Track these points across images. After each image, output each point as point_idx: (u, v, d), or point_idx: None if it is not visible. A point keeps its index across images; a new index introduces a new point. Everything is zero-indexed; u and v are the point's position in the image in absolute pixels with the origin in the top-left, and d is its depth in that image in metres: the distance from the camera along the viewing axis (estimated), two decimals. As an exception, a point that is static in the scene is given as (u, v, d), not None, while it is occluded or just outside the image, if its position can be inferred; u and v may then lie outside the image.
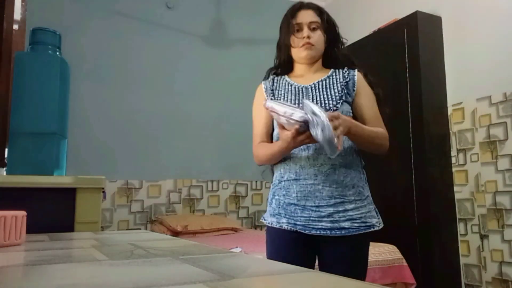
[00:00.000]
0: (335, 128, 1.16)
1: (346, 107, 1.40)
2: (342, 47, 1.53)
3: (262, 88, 1.53)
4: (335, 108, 1.37)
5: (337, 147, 1.15)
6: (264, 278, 0.50)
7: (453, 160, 2.94)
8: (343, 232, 1.31)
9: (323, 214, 1.32)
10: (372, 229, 1.35)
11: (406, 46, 3.01)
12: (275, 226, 1.39)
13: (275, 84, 1.50)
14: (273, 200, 1.44)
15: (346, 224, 1.32)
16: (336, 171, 1.34)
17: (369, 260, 2.28)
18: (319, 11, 1.52)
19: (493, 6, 2.78)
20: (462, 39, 2.96)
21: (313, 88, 1.43)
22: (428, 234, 2.76)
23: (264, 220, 1.46)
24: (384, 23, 3.31)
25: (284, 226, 1.36)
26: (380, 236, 2.70)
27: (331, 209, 1.32)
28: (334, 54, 1.50)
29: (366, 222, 1.34)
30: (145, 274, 0.52)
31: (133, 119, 3.52)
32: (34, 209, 0.99)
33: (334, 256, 1.34)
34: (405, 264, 2.42)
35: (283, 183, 1.40)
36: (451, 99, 2.99)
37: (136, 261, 0.63)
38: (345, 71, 1.46)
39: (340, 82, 1.43)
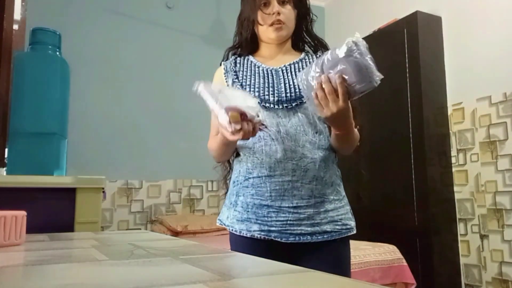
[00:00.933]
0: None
1: None
2: (312, 25, 1.32)
3: (221, 70, 1.33)
4: (298, 95, 1.19)
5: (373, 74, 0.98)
6: (264, 278, 0.50)
7: (453, 160, 2.94)
8: (325, 236, 1.14)
9: (302, 216, 1.12)
10: (351, 233, 1.19)
11: (406, 46, 3.01)
12: (244, 235, 1.16)
13: (237, 65, 1.31)
14: (238, 202, 1.20)
15: (328, 227, 1.14)
16: (317, 165, 1.14)
17: (369, 260, 2.31)
18: None
19: (493, 6, 2.78)
20: (462, 39, 2.96)
21: (284, 72, 1.23)
22: (428, 234, 2.76)
23: (228, 226, 1.21)
24: (384, 23, 3.32)
25: (256, 235, 1.14)
26: (380, 236, 2.72)
27: (311, 210, 1.13)
28: (304, 34, 1.31)
29: (346, 225, 1.18)
30: (145, 274, 0.52)
31: (133, 119, 3.52)
32: (34, 209, 0.99)
33: (315, 263, 1.07)
34: (405, 264, 2.42)
35: (251, 180, 1.17)
36: (451, 99, 2.99)
37: (136, 261, 0.63)
38: (320, 55, 1.24)
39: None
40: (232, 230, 1.20)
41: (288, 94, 1.18)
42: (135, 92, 3.58)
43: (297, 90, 1.18)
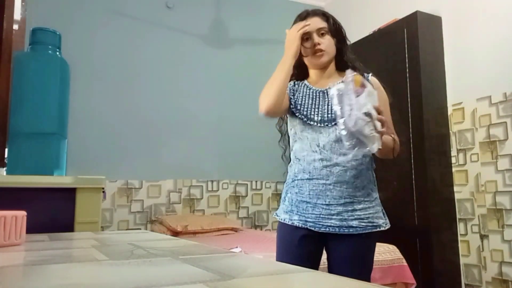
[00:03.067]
0: (382, 123, 1.20)
1: None
2: (348, 49, 1.56)
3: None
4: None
5: (375, 142, 1.18)
6: (264, 278, 0.50)
7: (453, 160, 2.94)
8: (350, 230, 1.38)
9: (332, 212, 1.39)
10: (378, 229, 1.41)
11: (406, 46, 3.01)
12: (287, 222, 1.46)
13: (295, 86, 1.55)
14: (286, 198, 1.50)
15: (354, 223, 1.38)
16: (348, 172, 1.40)
17: (369, 260, 2.30)
18: (325, 16, 1.55)
19: (493, 6, 2.78)
20: (462, 39, 2.96)
21: (328, 93, 1.46)
22: (428, 234, 2.76)
23: (277, 216, 1.52)
24: (384, 23, 3.32)
25: (296, 223, 1.43)
26: (380, 236, 2.71)
27: (340, 208, 1.38)
28: (344, 57, 1.54)
29: (373, 222, 1.41)
30: (145, 274, 0.52)
31: (133, 119, 3.52)
32: (34, 209, 0.99)
33: (341, 253, 1.41)
34: (405, 264, 2.42)
35: (296, 181, 1.46)
36: (451, 99, 2.99)
37: (136, 261, 0.63)
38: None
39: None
40: (278, 218, 1.50)
41: (329, 115, 1.44)
42: (135, 92, 3.58)
43: (329, 111, 1.43)
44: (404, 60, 3.01)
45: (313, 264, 1.44)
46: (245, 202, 3.88)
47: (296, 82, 1.57)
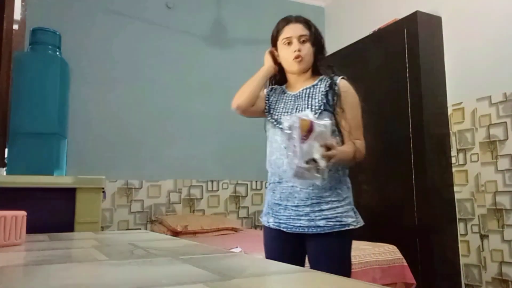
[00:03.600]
0: (329, 158, 1.28)
1: (326, 116, 1.45)
2: (324, 58, 1.63)
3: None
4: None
5: (316, 178, 1.28)
6: (264, 278, 0.50)
7: (453, 160, 2.94)
8: (318, 229, 1.43)
9: (301, 213, 1.45)
10: (347, 228, 1.44)
11: (406, 46, 3.01)
12: (265, 224, 1.57)
13: (272, 91, 1.65)
14: (265, 201, 1.61)
15: (321, 223, 1.43)
16: (319, 175, 1.44)
17: (369, 260, 2.31)
18: (308, 24, 1.58)
19: (493, 6, 2.78)
20: (462, 39, 2.96)
21: (298, 97, 1.54)
22: (428, 234, 2.76)
23: (261, 218, 1.64)
24: (384, 23, 3.31)
25: (271, 225, 1.53)
26: (380, 236, 2.72)
27: (308, 209, 1.45)
28: (319, 64, 1.60)
29: (341, 221, 1.44)
30: (145, 274, 0.52)
31: (133, 119, 3.52)
32: (34, 209, 0.99)
33: (314, 252, 1.47)
34: (405, 264, 2.42)
35: (271, 185, 1.56)
36: (451, 99, 2.99)
37: (136, 261, 0.63)
38: (328, 80, 1.54)
39: (321, 92, 1.51)
40: (261, 220, 1.62)
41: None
42: (135, 92, 3.58)
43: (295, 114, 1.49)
44: (404, 60, 3.01)
45: (295, 263, 1.45)
46: (245, 202, 3.88)
47: (274, 87, 1.65)
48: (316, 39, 1.57)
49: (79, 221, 1.24)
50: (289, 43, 1.53)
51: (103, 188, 1.32)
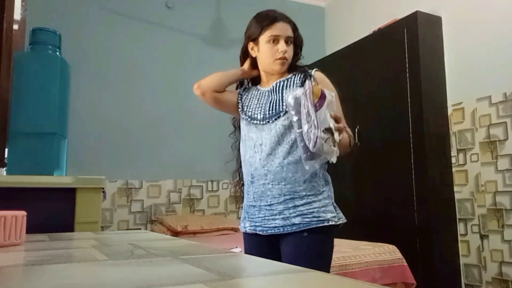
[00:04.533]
0: (339, 131, 1.20)
1: None
2: (299, 59, 1.58)
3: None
4: (279, 111, 1.41)
5: (331, 153, 1.18)
6: (264, 278, 0.50)
7: (453, 160, 2.94)
8: (294, 228, 1.32)
9: (275, 212, 1.35)
10: (325, 224, 1.31)
11: (406, 46, 3.01)
12: (242, 230, 1.49)
13: (245, 90, 1.61)
14: (243, 204, 1.53)
15: (297, 220, 1.32)
16: (284, 168, 1.35)
17: (369, 260, 2.31)
18: (294, 26, 1.53)
19: (493, 6, 2.78)
20: (462, 39, 2.96)
21: (272, 91, 1.48)
22: (428, 234, 2.76)
23: (239, 225, 1.55)
24: (384, 23, 3.31)
25: (248, 230, 1.44)
26: (380, 236, 2.72)
27: (281, 207, 1.34)
28: (296, 63, 1.56)
29: (318, 217, 1.32)
30: (145, 274, 0.52)
31: (133, 119, 3.52)
32: (34, 209, 0.99)
33: (291, 253, 1.33)
34: (405, 264, 2.42)
35: (245, 186, 1.49)
36: (451, 99, 2.99)
37: (136, 261, 0.63)
38: (302, 73, 1.49)
39: (296, 84, 1.45)
40: (240, 227, 1.52)
41: (271, 111, 1.42)
42: (135, 92, 3.58)
43: (277, 106, 1.41)
44: (404, 60, 3.01)
45: None
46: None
47: (247, 87, 1.61)
48: (299, 41, 1.54)
49: (79, 221, 1.24)
50: (275, 42, 1.45)
51: (103, 188, 1.32)
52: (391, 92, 3.11)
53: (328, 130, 1.15)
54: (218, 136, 3.85)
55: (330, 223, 1.32)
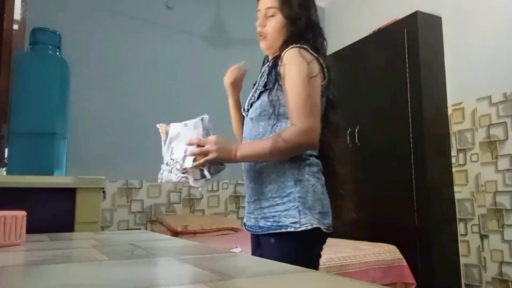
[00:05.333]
0: (204, 155, 1.18)
1: (264, 99, 1.24)
2: (298, 24, 1.30)
3: None
4: (251, 102, 1.29)
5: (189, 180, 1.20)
6: (264, 278, 0.50)
7: (453, 160, 2.94)
8: (258, 230, 1.23)
9: (249, 211, 1.30)
10: (283, 230, 1.16)
11: (406, 46, 3.01)
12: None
13: None
14: None
15: (261, 223, 1.22)
16: (252, 167, 1.26)
17: (369, 260, 2.30)
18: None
19: (493, 6, 2.78)
20: (462, 39, 2.96)
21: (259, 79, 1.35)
22: (428, 234, 2.76)
23: None
24: (384, 23, 3.32)
25: (245, 227, 1.38)
26: (380, 236, 2.71)
27: (252, 207, 1.27)
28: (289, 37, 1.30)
29: (278, 222, 1.17)
30: (145, 274, 0.52)
31: (133, 118, 3.52)
32: (34, 209, 0.99)
33: (261, 255, 1.22)
34: (405, 264, 2.42)
35: None
36: (451, 99, 2.99)
37: (136, 261, 0.63)
38: (277, 55, 1.27)
39: (269, 67, 1.28)
40: None
41: (248, 101, 1.33)
42: (135, 92, 3.58)
43: (252, 94, 1.31)
44: (404, 60, 3.01)
45: None
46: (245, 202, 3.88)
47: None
48: (288, 11, 1.28)
49: (79, 221, 1.24)
50: (259, 18, 1.34)
51: (103, 188, 1.32)
52: (391, 92, 3.11)
53: (172, 161, 1.25)
54: (218, 136, 3.85)
55: (288, 229, 1.15)
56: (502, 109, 2.66)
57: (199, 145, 1.19)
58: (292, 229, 1.15)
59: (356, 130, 3.36)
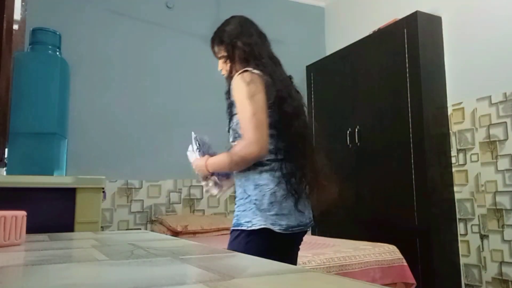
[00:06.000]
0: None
1: (233, 125, 1.45)
2: (241, 56, 1.51)
3: None
4: (228, 128, 1.51)
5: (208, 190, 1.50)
6: (264, 278, 0.50)
7: (453, 160, 2.94)
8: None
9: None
10: (239, 228, 1.35)
11: (406, 46, 3.01)
12: None
13: None
14: None
15: (233, 221, 1.43)
16: (235, 174, 1.46)
17: (369, 260, 2.30)
18: (219, 39, 1.61)
19: (493, 6, 2.78)
20: (462, 39, 2.96)
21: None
22: (428, 234, 2.76)
23: None
24: (384, 23, 3.32)
25: None
26: (380, 236, 2.71)
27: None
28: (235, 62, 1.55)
29: (237, 220, 1.38)
30: (145, 274, 0.52)
31: (133, 119, 3.52)
32: (34, 209, 0.99)
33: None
34: (405, 264, 2.42)
35: None
36: (451, 99, 2.99)
37: (136, 261, 0.63)
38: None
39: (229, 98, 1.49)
40: None
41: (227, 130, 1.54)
42: (136, 92, 3.58)
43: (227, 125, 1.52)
44: (404, 60, 3.01)
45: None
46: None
47: None
48: (230, 51, 1.53)
49: (79, 221, 1.24)
50: None
51: (103, 188, 1.32)
52: (391, 92, 3.11)
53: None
54: (218, 136, 3.85)
55: (242, 227, 1.33)
56: (502, 109, 2.67)
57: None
58: (245, 228, 1.33)
59: (356, 130, 3.36)
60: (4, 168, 1.40)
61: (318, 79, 3.86)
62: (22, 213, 0.84)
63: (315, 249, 2.36)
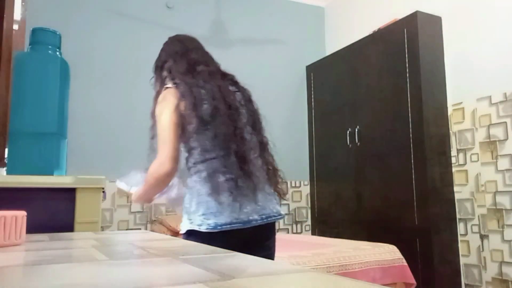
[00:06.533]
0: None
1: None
2: (165, 79, 1.56)
3: None
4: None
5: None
6: (264, 278, 0.50)
7: (453, 160, 2.94)
8: None
9: None
10: (180, 232, 1.43)
11: (406, 46, 3.01)
12: None
13: None
14: None
15: None
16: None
17: (369, 260, 2.31)
18: (153, 69, 1.63)
19: (493, 6, 2.78)
20: (462, 39, 2.96)
21: None
22: (428, 234, 2.76)
23: None
24: (384, 23, 3.32)
25: None
26: (380, 236, 2.71)
27: None
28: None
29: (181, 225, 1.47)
30: (145, 274, 0.52)
31: (133, 118, 3.52)
32: (34, 209, 0.99)
33: None
34: (405, 264, 2.42)
35: None
36: (451, 99, 3.00)
37: (136, 261, 0.63)
38: None
39: None
40: None
41: None
42: (135, 92, 3.58)
43: None
44: (404, 60, 3.01)
45: None
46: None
47: None
48: (156, 73, 1.61)
49: (79, 221, 1.24)
50: None
51: (103, 188, 1.32)
52: (391, 92, 3.11)
53: None
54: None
55: (181, 232, 1.42)
56: (502, 109, 2.67)
57: None
58: (182, 232, 1.40)
59: (356, 130, 3.36)
60: (4, 168, 1.40)
61: (318, 79, 3.86)
62: (22, 213, 0.84)
63: (315, 249, 2.36)
